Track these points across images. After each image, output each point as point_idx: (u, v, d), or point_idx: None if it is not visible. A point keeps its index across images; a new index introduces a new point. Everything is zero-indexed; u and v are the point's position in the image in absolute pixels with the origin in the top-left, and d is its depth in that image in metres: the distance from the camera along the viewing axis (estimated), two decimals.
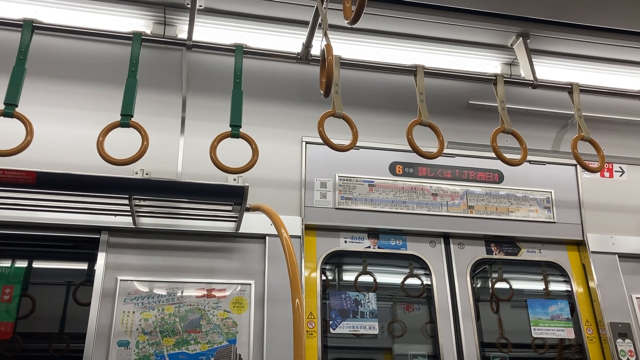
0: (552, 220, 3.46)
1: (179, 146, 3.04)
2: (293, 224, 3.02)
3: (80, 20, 2.84)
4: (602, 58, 3.32)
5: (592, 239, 3.44)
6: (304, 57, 2.83)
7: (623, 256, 3.45)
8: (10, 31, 2.61)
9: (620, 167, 3.73)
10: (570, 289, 3.40)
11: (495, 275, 3.42)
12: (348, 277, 3.27)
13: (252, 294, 2.87)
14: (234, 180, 3.03)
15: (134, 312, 2.72)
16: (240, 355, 2.74)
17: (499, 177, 3.49)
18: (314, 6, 2.55)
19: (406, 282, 3.29)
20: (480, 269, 3.37)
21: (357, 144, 2.62)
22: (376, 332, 3.08)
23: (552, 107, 3.51)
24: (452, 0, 2.86)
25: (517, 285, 3.43)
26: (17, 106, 2.37)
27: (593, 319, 3.33)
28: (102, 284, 2.73)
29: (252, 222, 2.94)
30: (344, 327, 3.04)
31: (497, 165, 3.38)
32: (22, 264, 2.83)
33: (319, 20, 2.48)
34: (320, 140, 2.57)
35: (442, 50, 3.22)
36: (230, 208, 2.69)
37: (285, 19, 2.97)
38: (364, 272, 3.24)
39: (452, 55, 3.24)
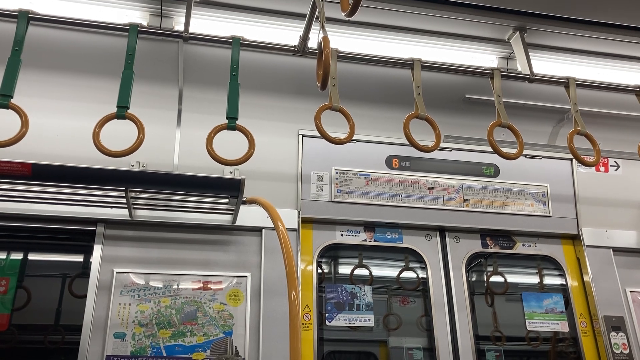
0: (547, 214, 3.48)
1: (175, 138, 3.03)
2: (289, 217, 3.02)
3: (77, 11, 2.83)
4: (598, 53, 3.33)
5: (587, 233, 3.46)
6: (301, 49, 2.83)
7: (617, 250, 3.47)
8: (5, 22, 2.59)
9: (615, 162, 3.74)
10: (564, 283, 3.42)
11: (490, 268, 3.43)
12: (344, 270, 3.28)
13: (249, 286, 2.87)
14: (231, 173, 3.03)
15: (130, 304, 2.73)
16: (236, 347, 2.75)
17: (494, 171, 3.50)
18: None
19: (402, 275, 3.31)
20: (475, 263, 3.39)
21: (353, 137, 2.62)
22: (372, 324, 3.09)
23: (548, 101, 3.52)
24: None
25: (512, 278, 3.44)
26: (12, 97, 2.36)
27: (587, 313, 3.35)
28: (98, 276, 2.73)
29: (249, 215, 2.94)
30: (340, 320, 3.05)
31: (493, 159, 3.39)
32: (17, 256, 2.83)
33: (316, 13, 2.48)
34: (317, 133, 2.57)
35: (439, 43, 3.22)
36: (226, 201, 2.69)
37: (282, 11, 2.97)
38: (360, 265, 3.25)
39: (449, 48, 3.24)
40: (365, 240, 3.25)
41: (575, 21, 3.02)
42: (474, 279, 3.39)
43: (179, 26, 2.94)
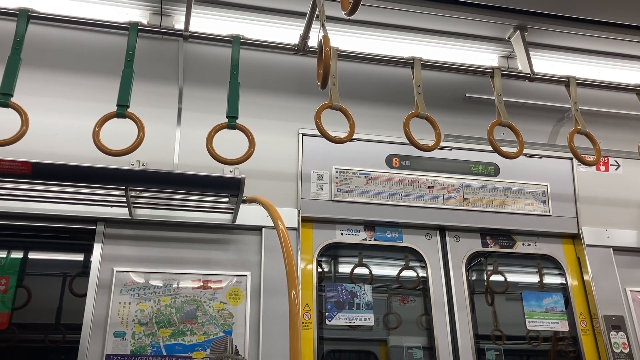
0: (547, 214, 3.47)
1: (175, 137, 3.03)
2: (289, 216, 3.02)
3: (76, 9, 2.83)
4: (599, 52, 3.33)
5: (587, 232, 3.46)
6: (301, 48, 2.82)
7: (618, 249, 3.47)
8: (5, 21, 2.59)
9: (615, 161, 3.74)
10: (564, 282, 3.42)
11: (490, 267, 3.43)
12: (344, 269, 3.28)
13: (249, 285, 2.87)
14: (231, 171, 3.02)
15: (130, 303, 2.73)
16: (236, 346, 2.75)
17: (494, 170, 3.49)
18: None
19: (402, 275, 3.30)
20: (475, 262, 3.39)
21: (353, 136, 2.62)
22: (372, 323, 3.09)
23: (548, 100, 3.51)
24: None
25: (512, 277, 3.44)
26: (12, 96, 2.36)
27: (587, 312, 3.35)
28: (98, 275, 2.73)
29: (249, 214, 2.94)
30: (340, 319, 3.05)
31: (494, 158, 3.38)
32: (17, 254, 2.83)
33: (317, 12, 2.47)
34: (317, 132, 2.57)
35: (440, 42, 3.21)
36: (226, 200, 2.69)
37: (282, 10, 2.96)
38: (360, 264, 3.25)
39: (449, 47, 3.24)
40: (365, 239, 3.25)
41: (576, 20, 3.02)
42: (474, 278, 3.39)
43: (179, 25, 2.94)
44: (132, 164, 2.92)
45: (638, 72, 3.46)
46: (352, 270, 3.23)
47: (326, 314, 3.04)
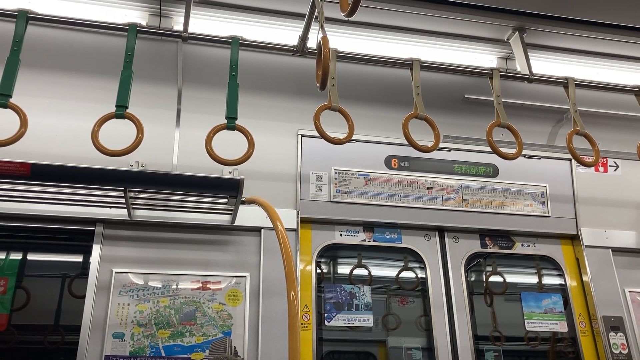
0: (546, 215, 3.48)
1: (174, 138, 3.03)
2: (288, 217, 3.02)
3: (76, 11, 2.82)
4: (598, 53, 3.33)
5: (586, 233, 3.46)
6: (300, 49, 2.82)
7: (616, 250, 3.47)
8: (4, 22, 2.58)
9: (614, 162, 3.74)
10: (563, 283, 3.42)
11: (489, 268, 3.43)
12: (343, 270, 3.28)
13: (248, 286, 2.87)
14: (230, 172, 3.03)
15: (129, 305, 2.72)
16: (235, 347, 2.75)
17: (493, 171, 3.50)
18: None
19: (401, 275, 3.31)
20: (474, 263, 3.39)
21: (353, 137, 2.62)
22: (371, 324, 3.09)
23: (547, 101, 3.51)
24: None
25: (511, 278, 3.45)
26: (11, 97, 2.36)
27: (586, 313, 3.35)
28: (97, 276, 2.73)
29: (248, 215, 2.94)
30: (339, 320, 3.05)
31: (493, 159, 3.39)
32: (16, 256, 2.83)
33: (316, 13, 2.47)
34: (316, 133, 2.57)
35: (439, 43, 3.22)
36: (225, 201, 2.69)
37: (281, 11, 2.96)
38: (359, 265, 3.25)
39: (448, 49, 3.24)
40: (364, 240, 3.25)
41: (575, 21, 3.02)
42: (473, 279, 3.39)
43: (178, 26, 2.94)
44: (131, 165, 2.92)
45: (637, 73, 3.47)
46: (351, 271, 3.24)
47: (325, 315, 3.04)
